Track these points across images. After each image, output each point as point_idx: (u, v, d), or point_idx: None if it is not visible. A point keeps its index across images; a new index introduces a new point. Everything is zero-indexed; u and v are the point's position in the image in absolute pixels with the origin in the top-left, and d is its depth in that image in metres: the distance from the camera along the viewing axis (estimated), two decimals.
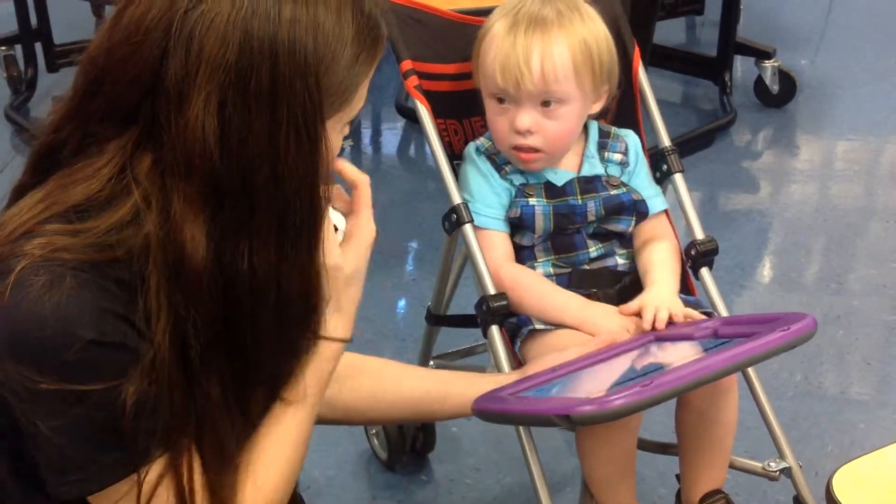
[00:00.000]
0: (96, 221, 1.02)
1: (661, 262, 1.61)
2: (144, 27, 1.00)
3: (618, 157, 1.66)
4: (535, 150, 1.57)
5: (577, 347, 1.49)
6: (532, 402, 1.35)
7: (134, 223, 1.03)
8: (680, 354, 1.39)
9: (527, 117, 1.55)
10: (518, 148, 1.57)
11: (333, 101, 1.06)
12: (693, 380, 1.25)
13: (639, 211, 1.63)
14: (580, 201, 1.60)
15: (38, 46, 3.58)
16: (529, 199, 1.59)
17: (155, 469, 1.06)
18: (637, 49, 1.71)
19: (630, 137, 1.70)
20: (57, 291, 0.98)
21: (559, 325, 1.54)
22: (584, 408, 1.19)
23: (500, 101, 1.57)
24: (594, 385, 1.35)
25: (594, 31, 1.57)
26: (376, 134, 3.76)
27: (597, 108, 1.62)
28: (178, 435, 1.06)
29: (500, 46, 1.54)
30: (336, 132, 1.10)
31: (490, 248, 1.59)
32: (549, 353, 1.49)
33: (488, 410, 1.38)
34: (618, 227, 1.62)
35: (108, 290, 1.01)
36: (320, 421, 1.33)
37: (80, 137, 1.06)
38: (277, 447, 1.17)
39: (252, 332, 1.08)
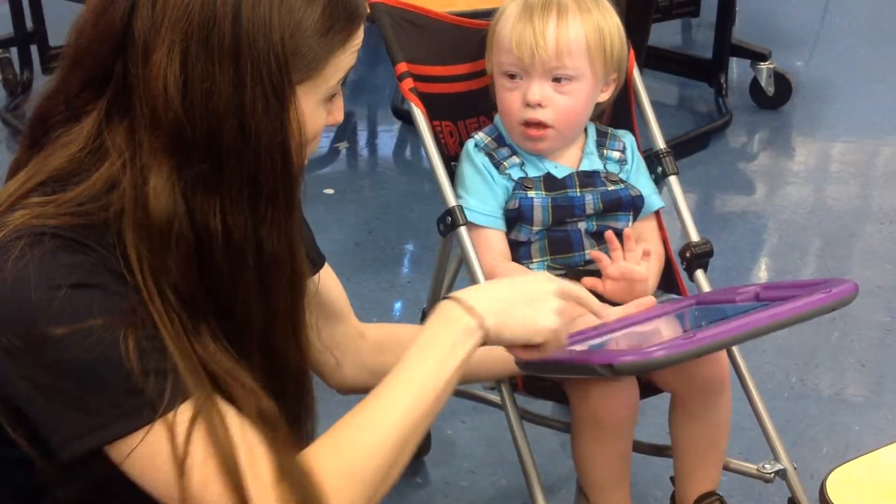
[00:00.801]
0: (75, 189, 1.04)
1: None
2: None
3: (616, 154, 1.68)
4: (544, 126, 1.58)
5: (616, 309, 1.50)
6: (575, 353, 1.35)
7: (112, 189, 1.04)
8: (721, 316, 1.38)
9: (538, 89, 1.57)
10: (527, 123, 1.59)
11: (303, 67, 1.06)
12: (734, 335, 1.24)
13: (636, 207, 1.64)
14: (579, 193, 1.60)
15: (34, 49, 3.58)
16: (528, 192, 1.59)
17: (184, 415, 1.02)
18: (632, 51, 1.72)
19: (628, 137, 1.71)
20: (36, 251, 1.00)
21: None
22: (626, 357, 1.20)
23: (512, 77, 1.59)
24: (637, 343, 1.36)
25: (608, 19, 1.60)
26: (372, 136, 3.76)
27: (604, 96, 1.64)
28: (192, 379, 1.03)
29: (515, 24, 1.58)
30: (311, 103, 1.09)
31: (486, 246, 1.59)
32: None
33: (530, 360, 1.38)
34: (616, 224, 1.63)
35: (89, 246, 1.02)
36: (362, 389, 1.27)
37: (65, 110, 1.07)
38: (368, 409, 1.10)
39: (236, 294, 1.07)
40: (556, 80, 1.58)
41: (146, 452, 1.02)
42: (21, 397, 1.03)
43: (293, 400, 1.17)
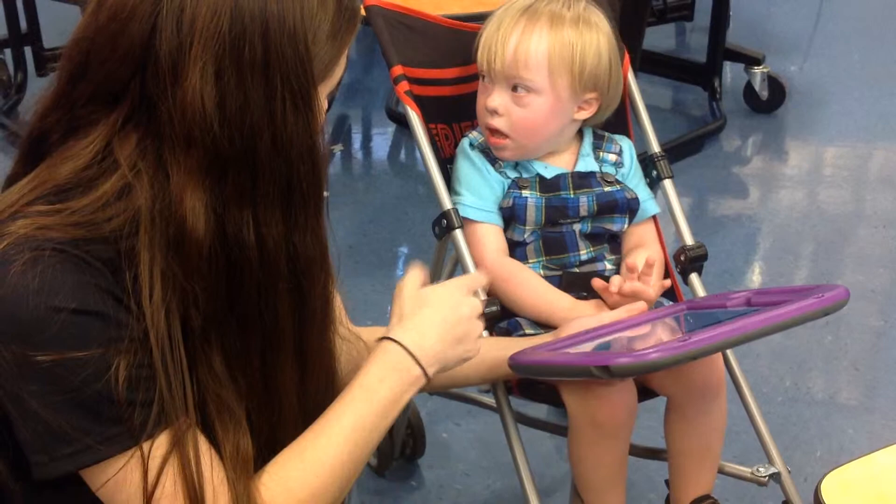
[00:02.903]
0: (81, 200, 1.03)
1: None
2: (131, 4, 1.02)
3: (612, 157, 1.68)
4: (503, 136, 1.59)
5: (610, 313, 1.51)
6: (570, 356, 1.37)
7: (120, 200, 1.03)
8: (713, 321, 1.39)
9: (497, 97, 1.59)
10: (489, 129, 1.60)
11: (321, 69, 1.08)
12: (729, 338, 1.26)
13: (632, 209, 1.64)
14: (573, 195, 1.60)
15: (28, 51, 3.57)
16: (523, 192, 1.60)
17: (160, 448, 1.04)
18: (627, 55, 1.72)
19: (625, 142, 1.71)
20: (38, 266, 0.99)
21: (548, 329, 1.55)
22: (622, 359, 1.22)
23: (483, 78, 1.61)
24: (630, 346, 1.37)
25: (588, 37, 1.58)
26: (367, 139, 3.76)
27: (583, 115, 1.63)
28: (177, 410, 1.04)
29: (488, 28, 1.60)
30: (322, 102, 1.12)
31: (484, 241, 1.59)
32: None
33: (525, 362, 1.39)
34: (612, 226, 1.63)
35: (92, 265, 1.01)
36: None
37: (68, 122, 1.07)
38: (318, 448, 1.13)
39: (269, 303, 1.08)
40: (515, 88, 1.58)
41: (119, 480, 1.03)
42: (5, 412, 1.03)
43: (324, 399, 1.18)
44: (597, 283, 1.56)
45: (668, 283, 1.59)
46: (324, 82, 1.09)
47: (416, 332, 1.21)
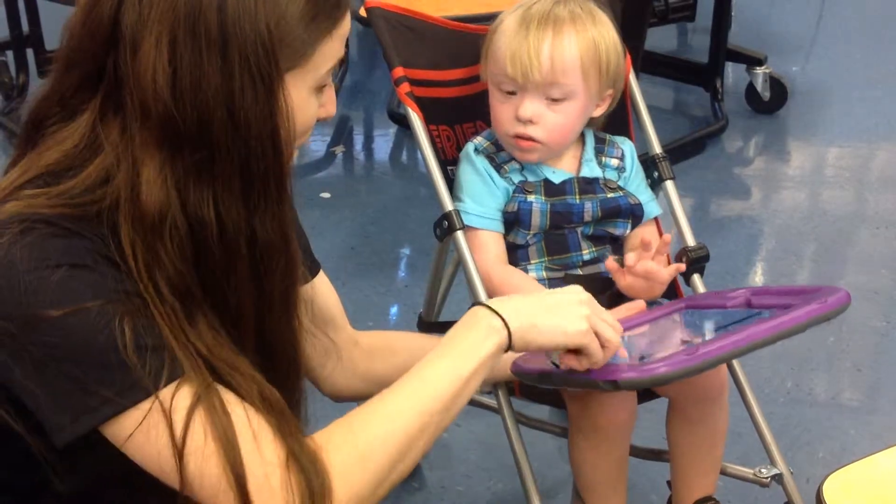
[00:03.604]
0: (70, 182, 1.04)
1: None
2: None
3: (615, 161, 1.67)
4: (534, 141, 1.58)
5: (608, 313, 1.49)
6: None
7: (106, 183, 1.04)
8: (713, 320, 1.40)
9: (530, 106, 1.57)
10: (518, 136, 1.58)
11: (290, 54, 1.06)
12: (735, 349, 1.27)
13: (635, 215, 1.64)
14: (578, 201, 1.60)
15: (30, 52, 3.57)
16: (528, 196, 1.59)
17: (182, 400, 1.02)
18: (628, 56, 1.72)
19: (626, 145, 1.71)
20: (28, 237, 1.00)
21: None
22: (630, 374, 1.22)
23: (506, 91, 1.59)
24: (634, 349, 1.37)
25: (605, 34, 1.58)
26: (368, 140, 3.76)
27: (599, 111, 1.64)
28: (192, 366, 1.04)
29: (511, 39, 1.57)
30: (301, 92, 1.09)
31: (483, 249, 1.59)
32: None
33: (529, 371, 1.38)
34: (614, 230, 1.63)
35: (82, 234, 1.03)
36: (355, 397, 1.31)
37: (61, 110, 1.08)
38: (384, 397, 1.12)
39: (230, 283, 1.08)
40: (549, 98, 1.57)
41: (144, 433, 1.02)
42: (16, 383, 1.03)
43: (287, 388, 1.16)
44: (610, 263, 1.56)
45: (682, 266, 1.60)
46: (299, 69, 1.08)
47: (504, 299, 1.24)
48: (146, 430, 1.02)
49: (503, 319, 1.19)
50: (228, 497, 1.02)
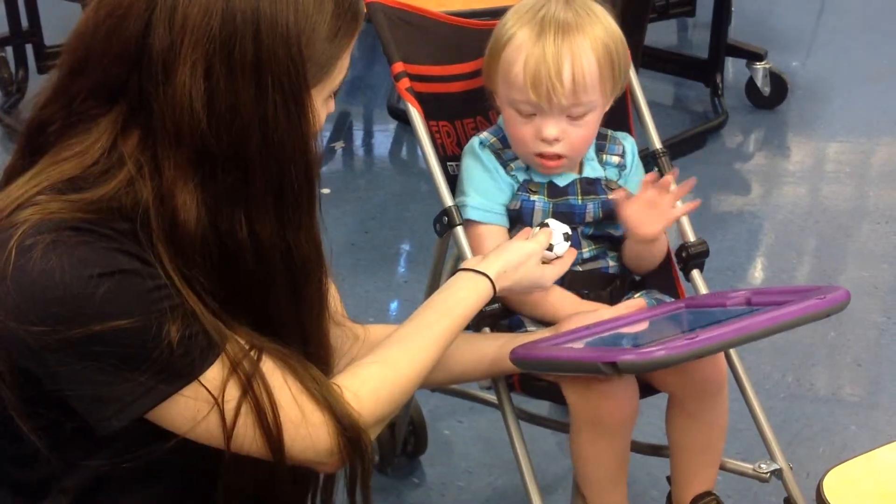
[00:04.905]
0: (89, 193, 1.05)
1: None
2: (127, 2, 1.03)
3: (615, 159, 1.67)
4: (559, 157, 1.57)
5: (610, 310, 1.51)
6: (572, 351, 1.37)
7: (126, 194, 1.05)
8: (713, 319, 1.40)
9: (554, 127, 1.54)
10: (542, 155, 1.57)
11: (316, 71, 1.08)
12: (734, 337, 1.28)
13: None
14: (580, 202, 1.60)
15: (29, 48, 3.57)
16: (531, 196, 1.59)
17: (233, 390, 1.07)
18: (628, 51, 1.71)
19: (627, 141, 1.70)
20: (59, 248, 1.00)
21: (550, 325, 1.54)
22: (629, 356, 1.23)
23: (527, 113, 1.55)
24: (633, 342, 1.38)
25: (610, 31, 1.56)
26: (368, 135, 3.76)
27: (608, 106, 1.63)
28: (224, 340, 1.07)
29: (527, 59, 1.52)
30: (320, 102, 1.12)
31: (484, 243, 1.59)
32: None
33: (527, 357, 1.39)
34: (614, 231, 1.63)
35: (110, 236, 1.03)
36: None
37: (66, 116, 1.08)
38: (390, 348, 1.25)
39: (268, 296, 1.11)
40: (571, 116, 1.54)
41: (191, 406, 1.06)
42: (63, 386, 1.04)
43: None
44: (618, 193, 1.59)
45: (694, 204, 1.64)
46: (321, 84, 1.10)
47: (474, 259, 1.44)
48: (193, 403, 1.06)
49: (483, 273, 1.39)
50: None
